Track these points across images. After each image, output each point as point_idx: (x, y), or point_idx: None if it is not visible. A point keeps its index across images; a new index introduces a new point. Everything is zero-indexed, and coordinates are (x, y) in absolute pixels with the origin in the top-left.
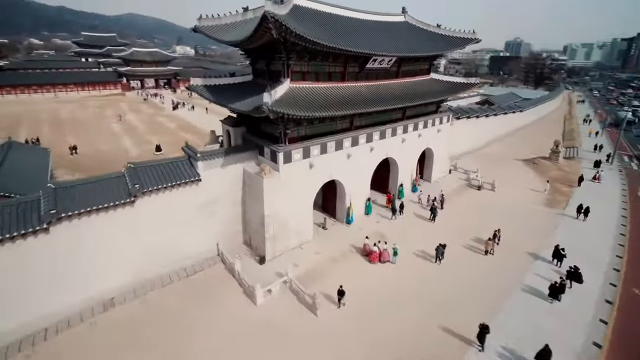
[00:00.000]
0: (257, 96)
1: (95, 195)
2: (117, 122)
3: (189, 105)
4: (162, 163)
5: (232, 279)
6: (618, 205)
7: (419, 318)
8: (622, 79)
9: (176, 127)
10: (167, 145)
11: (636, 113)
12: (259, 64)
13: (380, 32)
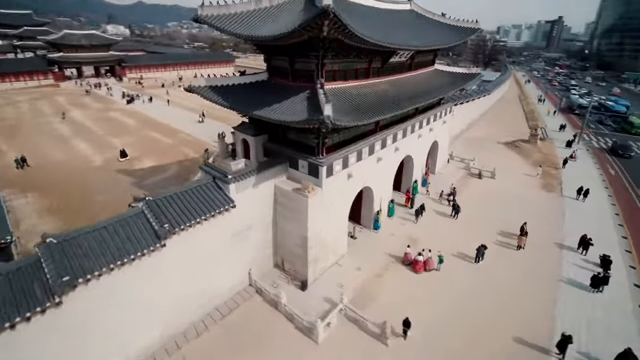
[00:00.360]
0: (287, 101)
1: (114, 245)
2: (60, 121)
3: (145, 97)
4: (185, 190)
5: (275, 314)
6: (600, 184)
7: (488, 331)
8: (552, 57)
9: (137, 124)
10: (133, 149)
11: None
12: (279, 62)
13: (398, 23)
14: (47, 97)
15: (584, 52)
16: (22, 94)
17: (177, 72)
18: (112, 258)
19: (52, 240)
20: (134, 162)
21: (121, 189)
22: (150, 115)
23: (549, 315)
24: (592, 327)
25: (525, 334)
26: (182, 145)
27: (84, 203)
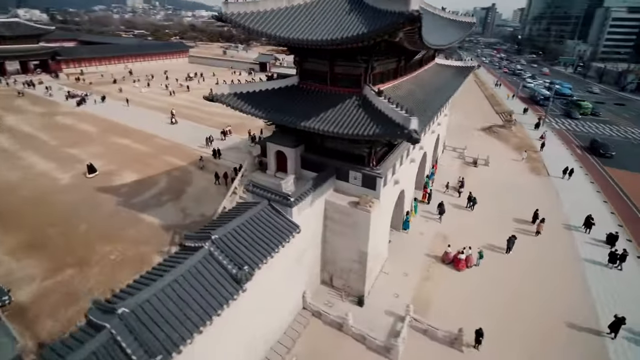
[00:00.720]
0: (336, 110)
1: (193, 300)
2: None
3: (96, 96)
4: (243, 221)
5: (341, 337)
6: (574, 162)
7: (544, 321)
8: (490, 42)
9: (98, 130)
10: (104, 161)
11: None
12: (315, 65)
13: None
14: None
15: (517, 37)
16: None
17: (124, 65)
18: (199, 319)
19: (124, 310)
20: (112, 177)
21: (106, 213)
22: (111, 119)
23: (587, 296)
24: (625, 301)
25: (575, 318)
26: (162, 153)
27: (66, 236)
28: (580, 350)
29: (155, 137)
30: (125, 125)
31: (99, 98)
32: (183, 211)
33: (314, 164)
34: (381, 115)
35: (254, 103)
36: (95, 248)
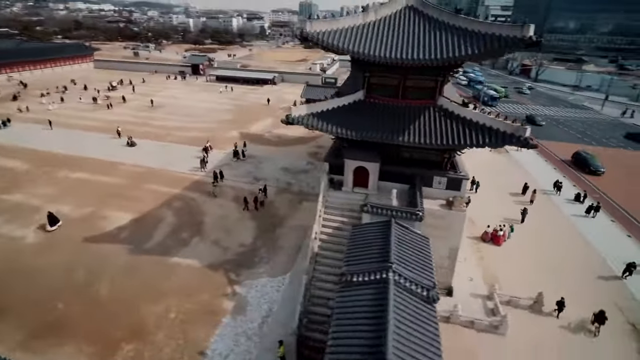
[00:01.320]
0: (421, 121)
1: (418, 343)
2: None
3: None
4: (392, 243)
5: (448, 328)
6: None
7: (573, 270)
8: None
9: (32, 166)
10: (67, 205)
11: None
12: (385, 79)
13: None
14: None
15: None
16: None
17: (6, 75)
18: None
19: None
20: (96, 222)
21: (122, 268)
22: (41, 148)
23: (588, 243)
24: (609, 241)
25: (591, 264)
26: (141, 182)
27: (87, 307)
28: (607, 287)
29: (119, 165)
30: (66, 154)
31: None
32: (217, 245)
33: (392, 175)
34: (475, 124)
35: (331, 121)
36: (141, 311)
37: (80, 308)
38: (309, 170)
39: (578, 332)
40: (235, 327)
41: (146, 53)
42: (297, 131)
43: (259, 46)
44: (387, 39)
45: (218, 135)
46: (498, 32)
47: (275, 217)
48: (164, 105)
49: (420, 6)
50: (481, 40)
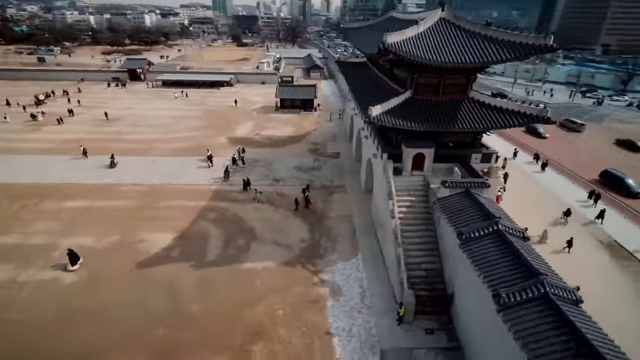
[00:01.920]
0: (464, 111)
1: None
2: None
3: None
4: (483, 206)
5: None
6: None
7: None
8: (319, 31)
9: (8, 202)
10: (87, 237)
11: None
12: (429, 79)
13: None
14: None
15: (340, 25)
16: None
17: None
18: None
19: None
20: (133, 249)
21: (212, 295)
22: (20, 180)
23: (540, 185)
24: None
25: (548, 204)
26: (155, 200)
27: (164, 345)
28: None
29: (114, 187)
30: (38, 183)
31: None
32: (279, 245)
33: (439, 157)
34: (505, 110)
35: (397, 117)
36: (246, 316)
37: (182, 330)
38: (320, 166)
39: (560, 253)
40: (342, 306)
41: (52, 58)
42: (284, 131)
43: (187, 45)
44: (438, 46)
45: (206, 143)
46: (525, 41)
47: (315, 211)
48: (121, 117)
49: (453, 18)
50: (512, 47)
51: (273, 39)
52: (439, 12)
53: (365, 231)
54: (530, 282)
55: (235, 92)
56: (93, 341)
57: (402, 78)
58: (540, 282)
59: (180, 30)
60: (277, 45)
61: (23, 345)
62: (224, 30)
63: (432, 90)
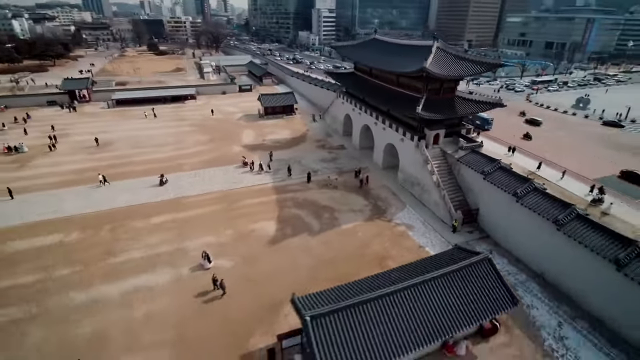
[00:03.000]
0: (454, 104)
1: None
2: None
3: None
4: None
5: None
6: None
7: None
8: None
9: (75, 234)
10: (198, 242)
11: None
12: (435, 86)
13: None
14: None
15: (252, 28)
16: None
17: None
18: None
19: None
20: (253, 237)
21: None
22: (59, 216)
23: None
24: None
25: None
26: (233, 203)
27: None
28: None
29: (185, 199)
30: (104, 210)
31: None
32: (355, 211)
33: (445, 134)
34: (476, 101)
35: (429, 112)
36: (367, 257)
37: (328, 271)
38: (337, 157)
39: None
40: (418, 233)
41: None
42: (284, 134)
43: (93, 57)
44: (443, 65)
45: (226, 152)
46: (490, 61)
47: (362, 187)
48: (112, 141)
49: (443, 46)
50: (481, 64)
51: (192, 45)
52: (436, 43)
53: (400, 192)
54: (526, 185)
55: (204, 104)
56: (279, 295)
57: (416, 86)
58: (531, 184)
59: (72, 38)
60: (203, 53)
61: (227, 311)
62: (125, 36)
63: (435, 93)
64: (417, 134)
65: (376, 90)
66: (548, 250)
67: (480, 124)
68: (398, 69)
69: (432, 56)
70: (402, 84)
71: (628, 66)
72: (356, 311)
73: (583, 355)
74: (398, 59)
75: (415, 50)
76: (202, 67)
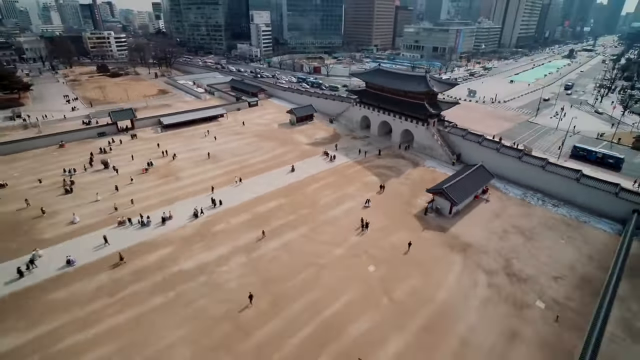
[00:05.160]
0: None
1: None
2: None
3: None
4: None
5: None
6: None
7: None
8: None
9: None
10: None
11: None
12: (432, 98)
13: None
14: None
15: (181, 41)
16: None
17: None
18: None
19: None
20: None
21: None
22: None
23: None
24: None
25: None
26: (346, 175)
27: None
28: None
29: (308, 179)
30: (265, 193)
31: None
32: (416, 165)
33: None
34: (447, 102)
35: (437, 109)
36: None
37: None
38: (371, 142)
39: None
40: (441, 168)
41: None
42: (322, 134)
43: (45, 84)
44: (437, 85)
45: (301, 149)
46: (452, 82)
47: (404, 155)
48: (214, 154)
49: (431, 76)
50: (449, 84)
51: (134, 63)
52: (428, 74)
53: (418, 154)
54: (480, 137)
55: (234, 120)
56: (411, 193)
57: (420, 97)
58: (483, 137)
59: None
60: (162, 72)
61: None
62: (33, 56)
63: (430, 100)
64: (425, 122)
65: (388, 99)
66: (494, 163)
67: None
68: (408, 88)
69: (431, 81)
70: (409, 95)
71: (487, 62)
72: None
73: (536, 207)
74: (402, 81)
75: (412, 77)
76: (189, 88)
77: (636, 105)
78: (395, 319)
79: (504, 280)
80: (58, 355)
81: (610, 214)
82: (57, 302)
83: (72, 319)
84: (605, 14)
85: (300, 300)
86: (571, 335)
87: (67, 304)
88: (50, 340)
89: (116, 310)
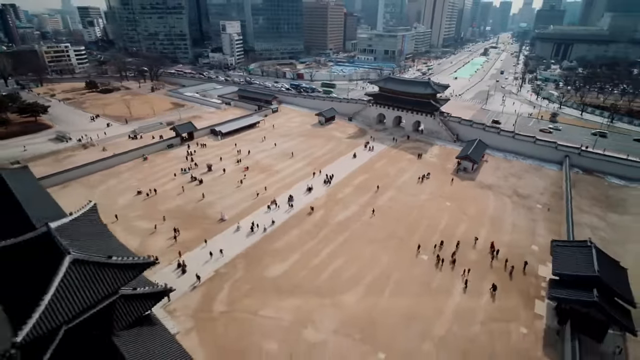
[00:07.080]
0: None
1: None
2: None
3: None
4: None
5: None
6: None
7: None
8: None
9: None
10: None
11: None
12: (432, 94)
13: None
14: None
15: (130, 48)
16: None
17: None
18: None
19: None
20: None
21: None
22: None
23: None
24: None
25: None
26: (395, 158)
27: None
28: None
29: (370, 163)
30: (358, 168)
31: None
32: (440, 142)
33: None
34: (443, 99)
35: (440, 105)
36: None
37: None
38: (392, 132)
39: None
40: (450, 145)
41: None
42: (350, 130)
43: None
44: (439, 88)
45: (346, 145)
46: (443, 84)
47: (418, 138)
48: (285, 152)
49: (432, 82)
50: (442, 87)
51: (117, 78)
52: (430, 79)
53: (429, 139)
54: (472, 122)
55: (269, 125)
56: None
57: (426, 97)
58: (474, 122)
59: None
60: (152, 86)
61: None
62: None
63: (433, 97)
64: (432, 114)
65: (400, 99)
66: (482, 138)
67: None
68: (417, 90)
69: (434, 85)
70: (417, 96)
71: (428, 61)
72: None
73: (514, 161)
74: (410, 86)
75: (418, 82)
76: (202, 100)
77: (543, 92)
78: (475, 224)
79: (517, 198)
80: (316, 268)
81: (554, 160)
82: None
83: (300, 257)
84: (499, 15)
85: (422, 223)
86: (557, 215)
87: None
88: (300, 265)
89: (322, 245)
